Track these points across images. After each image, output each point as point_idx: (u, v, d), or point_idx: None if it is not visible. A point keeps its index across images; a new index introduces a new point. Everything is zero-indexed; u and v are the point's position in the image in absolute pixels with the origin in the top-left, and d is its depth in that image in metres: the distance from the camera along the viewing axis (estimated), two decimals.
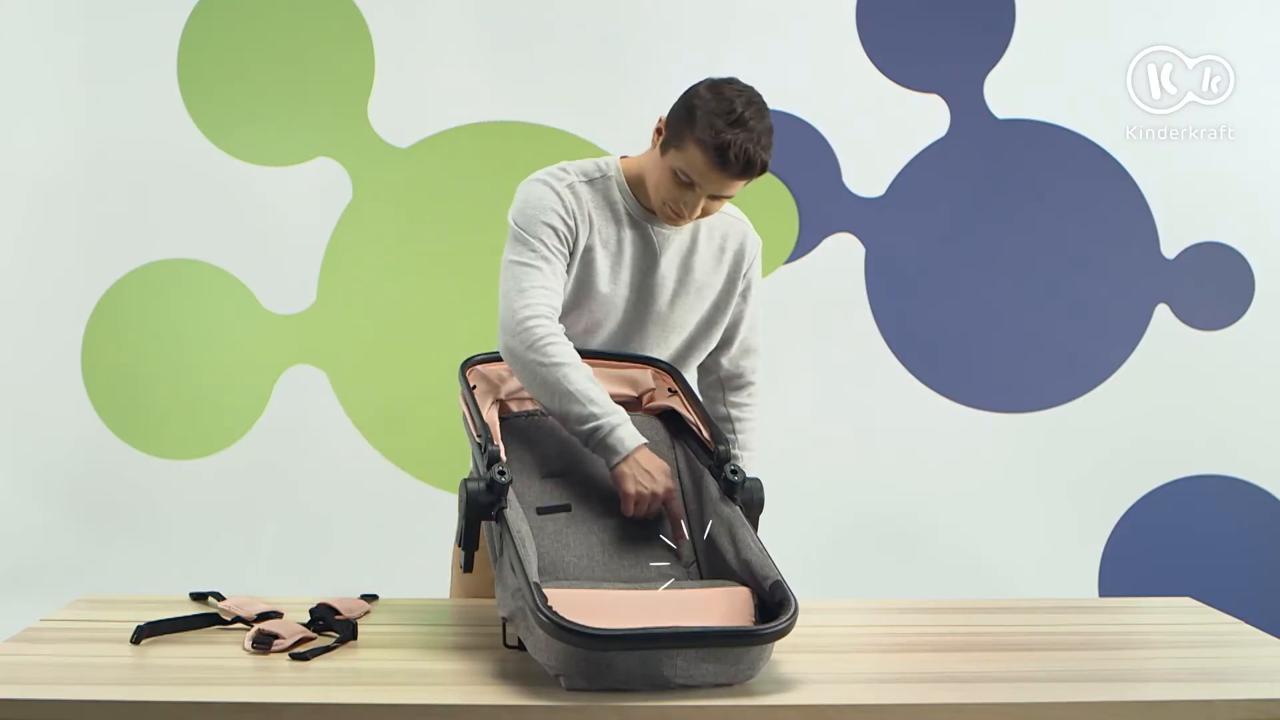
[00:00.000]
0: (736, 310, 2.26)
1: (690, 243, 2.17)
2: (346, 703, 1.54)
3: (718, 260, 2.21)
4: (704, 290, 2.19)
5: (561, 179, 2.11)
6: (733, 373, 2.31)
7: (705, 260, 2.19)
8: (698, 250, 2.18)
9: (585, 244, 2.10)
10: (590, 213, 2.10)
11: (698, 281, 2.18)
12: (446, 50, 3.67)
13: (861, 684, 1.68)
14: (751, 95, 2.03)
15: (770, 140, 2.00)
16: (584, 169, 2.14)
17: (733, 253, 2.22)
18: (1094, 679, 1.71)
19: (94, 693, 1.56)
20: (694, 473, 1.96)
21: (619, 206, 2.13)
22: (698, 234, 2.18)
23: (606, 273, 2.12)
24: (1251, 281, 3.72)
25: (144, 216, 3.70)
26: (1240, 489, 3.75)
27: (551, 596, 1.60)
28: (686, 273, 2.17)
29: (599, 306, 2.12)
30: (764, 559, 1.75)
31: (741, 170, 1.97)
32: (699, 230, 2.18)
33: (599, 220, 2.11)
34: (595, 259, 2.10)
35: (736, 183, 2.00)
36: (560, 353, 1.95)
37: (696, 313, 2.20)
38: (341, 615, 1.89)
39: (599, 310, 2.13)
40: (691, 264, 2.17)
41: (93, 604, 2.01)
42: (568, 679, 1.57)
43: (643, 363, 2.13)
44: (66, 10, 3.64)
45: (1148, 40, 3.68)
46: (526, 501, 1.88)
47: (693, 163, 1.98)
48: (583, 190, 2.11)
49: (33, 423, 3.70)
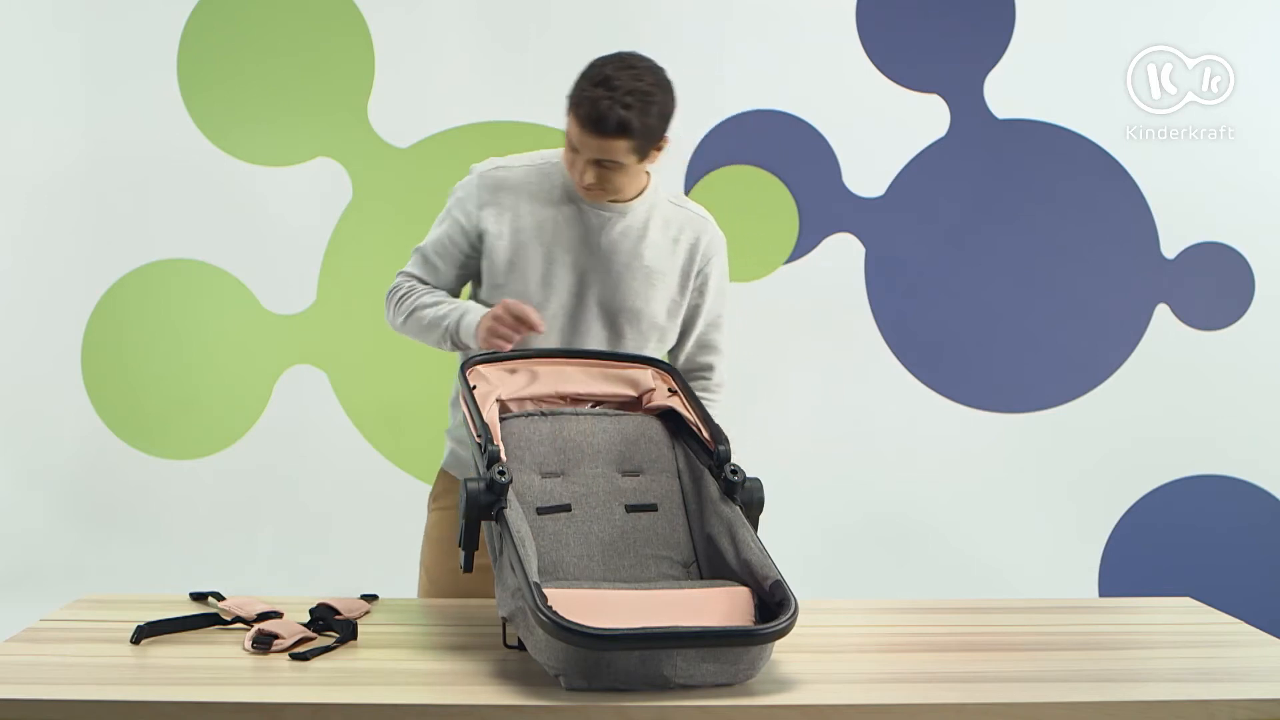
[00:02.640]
0: (693, 303, 2.26)
1: (642, 228, 2.19)
2: (346, 703, 1.54)
3: (672, 249, 2.21)
4: (654, 276, 2.20)
5: (487, 168, 2.22)
6: (688, 368, 2.31)
7: (657, 247, 2.20)
8: (648, 236, 2.20)
9: (496, 230, 2.17)
10: (517, 199, 2.17)
11: (648, 266, 2.19)
12: (446, 50, 3.67)
13: (861, 684, 1.68)
14: (631, 61, 2.07)
15: (643, 102, 2.02)
16: (538, 155, 2.23)
17: (688, 244, 2.23)
18: (1094, 679, 1.71)
19: (94, 693, 1.56)
20: (694, 473, 1.96)
21: (559, 189, 2.18)
22: (651, 220, 2.20)
23: (549, 255, 2.17)
24: (1251, 281, 3.72)
25: (144, 216, 3.70)
26: (1240, 489, 3.75)
27: (551, 596, 1.60)
28: (635, 257, 2.19)
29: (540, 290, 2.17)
30: (764, 558, 1.74)
31: (608, 128, 2.01)
32: (653, 217, 2.21)
33: (528, 204, 2.17)
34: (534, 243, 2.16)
35: (610, 143, 2.03)
36: (408, 302, 2.20)
37: (649, 299, 2.21)
38: (341, 615, 1.89)
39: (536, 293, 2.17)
40: (641, 249, 2.19)
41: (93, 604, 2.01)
42: (567, 678, 1.57)
43: (643, 363, 2.13)
44: (66, 10, 3.64)
45: (1148, 40, 3.69)
46: (526, 501, 1.88)
47: (570, 127, 2.06)
48: (510, 176, 2.20)
49: (33, 423, 3.70)
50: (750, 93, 3.67)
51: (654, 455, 1.98)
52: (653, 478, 1.96)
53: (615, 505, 1.91)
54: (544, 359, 2.07)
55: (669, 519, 1.92)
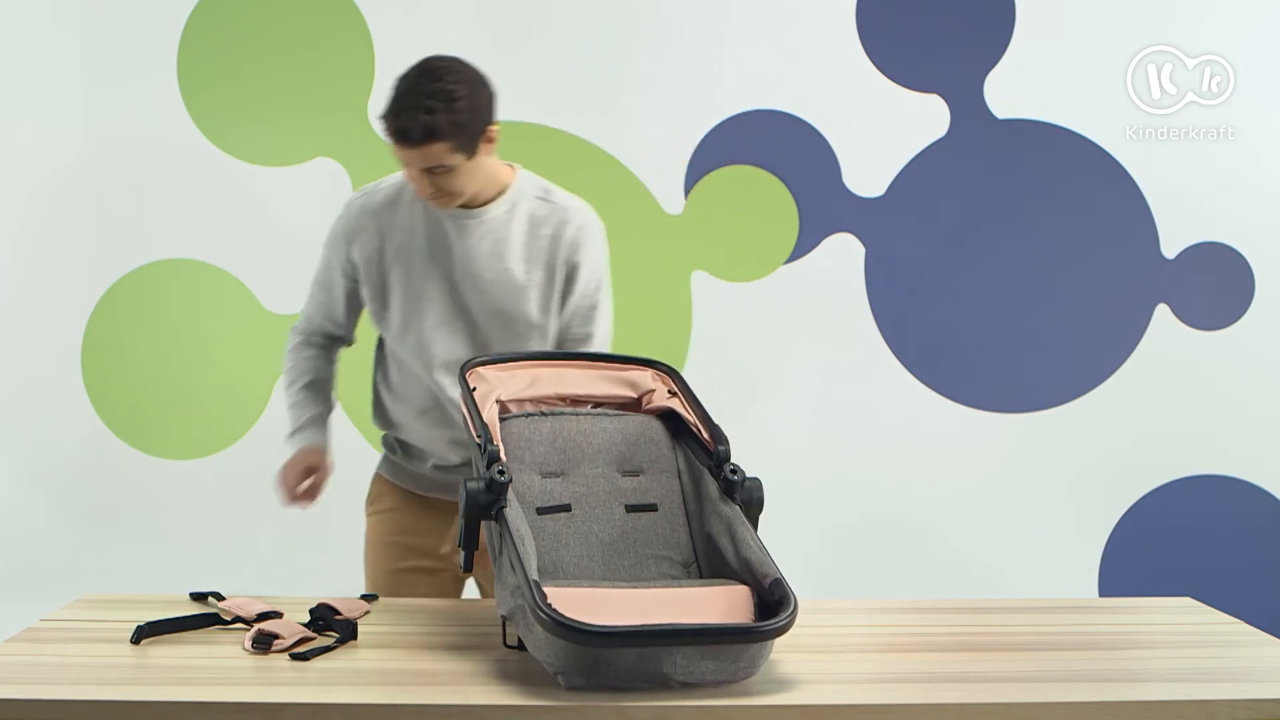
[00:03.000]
0: (564, 295, 2.24)
1: (503, 229, 2.20)
2: (346, 703, 1.54)
3: (535, 246, 2.21)
4: (519, 277, 2.20)
5: (353, 196, 2.28)
6: None
7: (520, 246, 2.20)
8: (510, 237, 2.20)
9: (364, 257, 2.23)
10: (380, 222, 2.22)
11: (509, 268, 2.20)
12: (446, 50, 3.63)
13: (861, 684, 1.68)
14: (431, 64, 2.09)
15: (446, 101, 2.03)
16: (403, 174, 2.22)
17: (550, 239, 2.22)
18: (1094, 679, 1.71)
19: (94, 693, 1.56)
20: (694, 473, 1.96)
21: (420, 205, 2.21)
22: (512, 220, 2.21)
23: (416, 270, 2.21)
24: (1251, 281, 3.72)
25: (144, 216, 3.70)
26: (1240, 489, 3.75)
27: (551, 595, 1.60)
28: (498, 259, 2.19)
29: (414, 305, 2.22)
30: (763, 557, 1.75)
31: (415, 138, 2.02)
32: (515, 217, 2.21)
33: (392, 225, 2.22)
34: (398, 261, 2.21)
35: (425, 150, 2.04)
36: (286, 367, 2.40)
37: (517, 301, 2.21)
38: (341, 615, 1.89)
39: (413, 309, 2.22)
40: (504, 251, 2.20)
41: (93, 604, 2.01)
42: (566, 677, 1.57)
43: (643, 364, 2.13)
44: (66, 10, 3.64)
45: (1148, 40, 3.69)
46: (526, 501, 1.88)
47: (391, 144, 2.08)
48: (371, 201, 2.25)
49: (33, 423, 3.70)
50: (750, 93, 3.67)
51: (654, 455, 1.98)
52: (653, 478, 1.96)
53: (615, 505, 1.91)
54: (544, 360, 2.07)
55: (669, 519, 1.92)
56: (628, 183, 3.68)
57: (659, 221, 3.69)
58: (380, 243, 2.22)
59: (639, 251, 3.69)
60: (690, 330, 3.71)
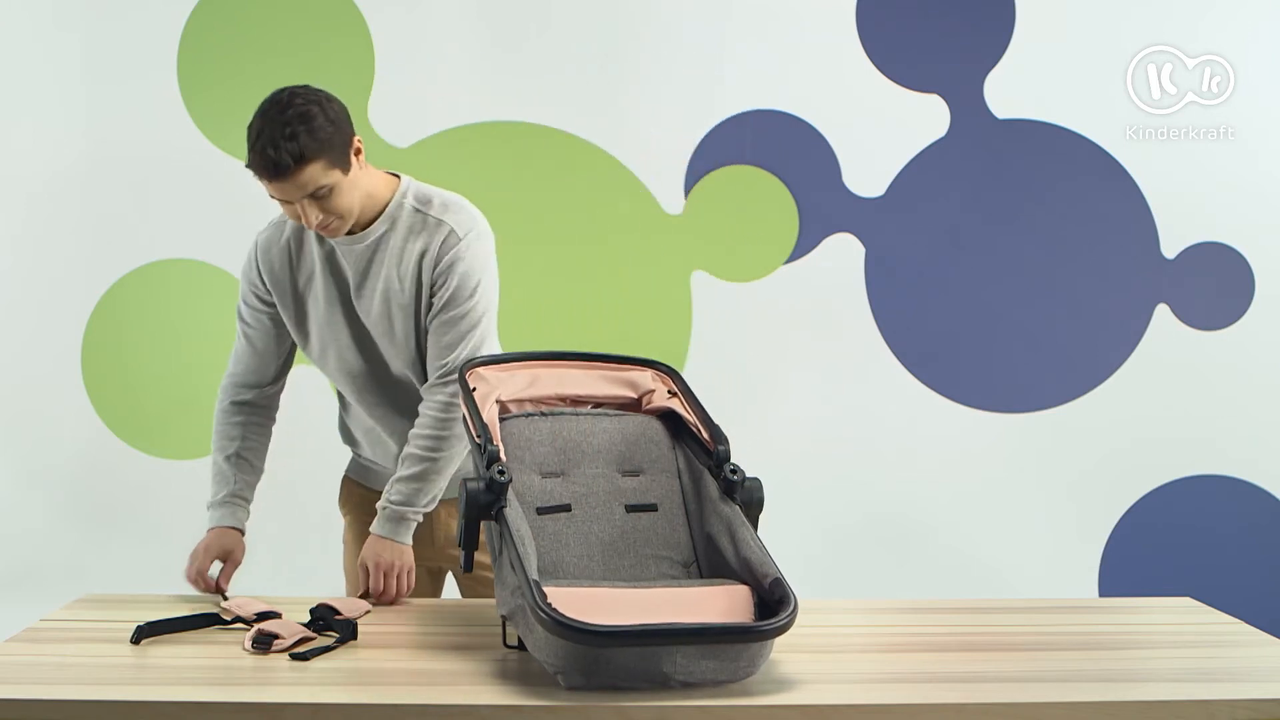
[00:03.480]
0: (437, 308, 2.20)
1: (379, 250, 2.21)
2: (346, 703, 1.54)
3: (400, 263, 2.20)
4: (394, 295, 2.21)
5: (260, 232, 2.31)
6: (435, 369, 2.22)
7: (393, 265, 2.21)
8: (386, 256, 2.20)
9: (280, 289, 2.27)
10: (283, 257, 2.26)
11: (385, 289, 2.21)
12: (446, 50, 3.67)
13: (861, 684, 1.68)
14: (275, 99, 2.12)
15: (303, 122, 2.05)
16: None
17: (418, 254, 2.20)
18: (1094, 679, 1.72)
19: (94, 693, 1.57)
20: (694, 472, 1.96)
21: (314, 235, 2.23)
22: (388, 238, 2.21)
23: (321, 304, 2.25)
24: (1251, 281, 3.72)
25: (144, 216, 3.69)
26: (1240, 489, 3.75)
27: (551, 594, 1.60)
28: (377, 280, 2.21)
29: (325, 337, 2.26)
30: (763, 556, 1.75)
31: (287, 168, 2.03)
32: (391, 234, 2.21)
33: (298, 258, 2.26)
34: (309, 294, 2.25)
35: (301, 176, 2.04)
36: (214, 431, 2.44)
37: (395, 319, 2.22)
38: (341, 615, 1.89)
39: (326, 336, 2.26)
40: (380, 272, 2.21)
41: (93, 604, 2.02)
42: (566, 676, 1.58)
43: (643, 364, 2.13)
44: (66, 10, 3.64)
45: (1148, 40, 3.68)
46: (526, 501, 1.88)
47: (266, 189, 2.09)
48: (272, 235, 2.29)
49: (33, 423, 3.70)
50: (750, 93, 3.67)
51: (654, 455, 1.98)
52: (653, 478, 1.96)
53: (615, 505, 1.91)
54: (544, 361, 2.07)
55: (669, 519, 1.92)
56: (628, 183, 3.68)
57: (659, 221, 3.69)
58: (291, 275, 2.27)
59: (639, 251, 3.69)
60: (690, 330, 3.71)
